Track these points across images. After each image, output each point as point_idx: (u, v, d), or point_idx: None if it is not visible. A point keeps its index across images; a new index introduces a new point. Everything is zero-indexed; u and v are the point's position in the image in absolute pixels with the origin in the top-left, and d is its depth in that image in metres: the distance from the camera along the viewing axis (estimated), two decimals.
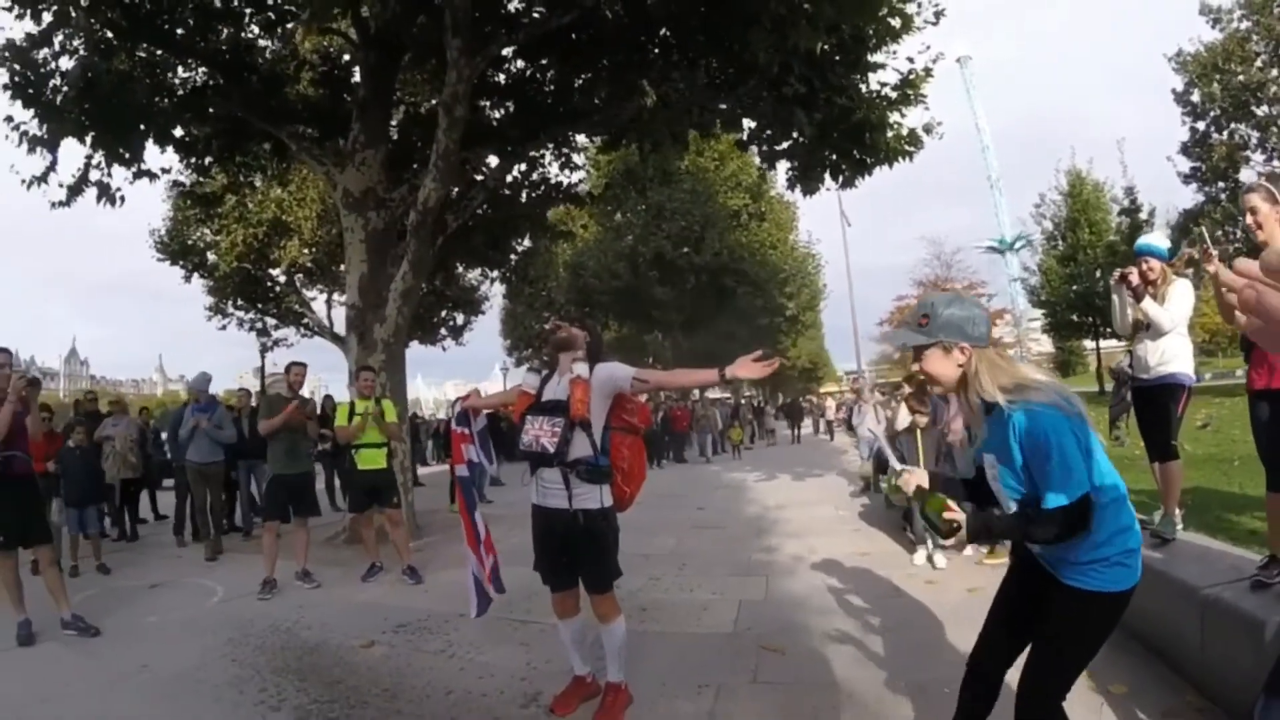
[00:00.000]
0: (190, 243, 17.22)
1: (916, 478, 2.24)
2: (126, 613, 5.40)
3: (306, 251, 16.28)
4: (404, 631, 4.74)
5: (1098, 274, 27.09)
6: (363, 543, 6.64)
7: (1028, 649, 2.11)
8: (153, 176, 8.93)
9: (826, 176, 8.90)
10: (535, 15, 8.08)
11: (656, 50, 8.45)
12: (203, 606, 5.60)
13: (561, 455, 3.06)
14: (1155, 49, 26.90)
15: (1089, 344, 35.47)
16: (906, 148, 8.36)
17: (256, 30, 9.00)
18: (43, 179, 7.91)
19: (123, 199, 8.40)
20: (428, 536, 8.28)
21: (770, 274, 27.13)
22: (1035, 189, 52.70)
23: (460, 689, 3.68)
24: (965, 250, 38.99)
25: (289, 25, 8.79)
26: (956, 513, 2.00)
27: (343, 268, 12.07)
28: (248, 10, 8.52)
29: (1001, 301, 43.59)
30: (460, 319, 20.71)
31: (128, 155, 8.28)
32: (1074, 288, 29.13)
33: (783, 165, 9.17)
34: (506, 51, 8.96)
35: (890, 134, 8.25)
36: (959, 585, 5.14)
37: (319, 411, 9.25)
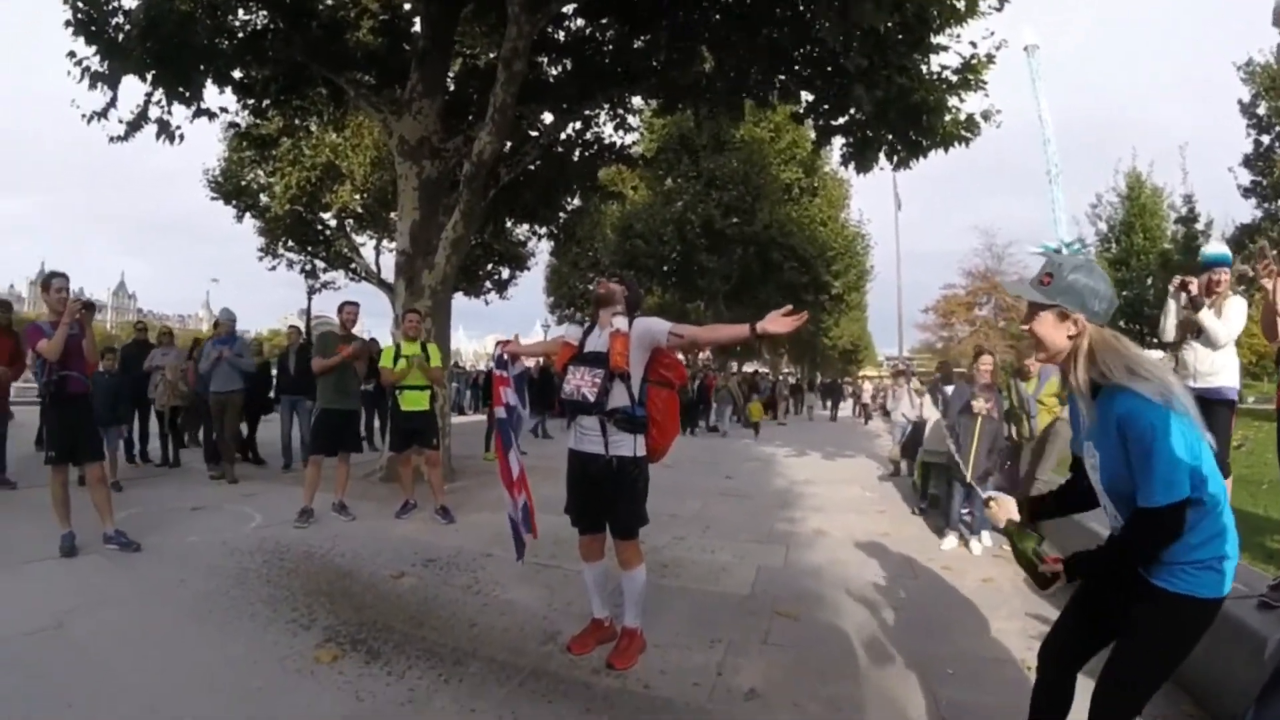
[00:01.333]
0: (244, 184, 17.54)
1: (1006, 509, 2.13)
2: (168, 531, 5.65)
3: (358, 197, 16.50)
4: (433, 566, 4.95)
5: (1149, 281, 26.11)
6: (399, 481, 6.90)
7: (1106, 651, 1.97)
8: (211, 115, 9.04)
9: (881, 156, 8.76)
10: None
11: (718, 16, 8.36)
12: (241, 531, 5.83)
13: (600, 404, 3.20)
14: (1225, 54, 25.47)
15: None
16: (963, 133, 8.19)
17: None
18: (103, 114, 8.08)
19: (182, 136, 8.58)
20: (461, 480, 8.54)
21: (818, 250, 26.79)
22: (1091, 188, 50.84)
23: (483, 623, 3.87)
24: (1018, 243, 37.77)
25: None
26: (1054, 562, 1.90)
27: (393, 215, 12.28)
28: None
29: None
30: (505, 273, 20.85)
31: (188, 94, 8.40)
32: (1124, 293, 28.19)
33: (838, 141, 9.07)
34: (567, 9, 8.96)
35: (948, 118, 8.09)
36: (975, 574, 5.19)
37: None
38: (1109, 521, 1.96)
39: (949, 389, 7.06)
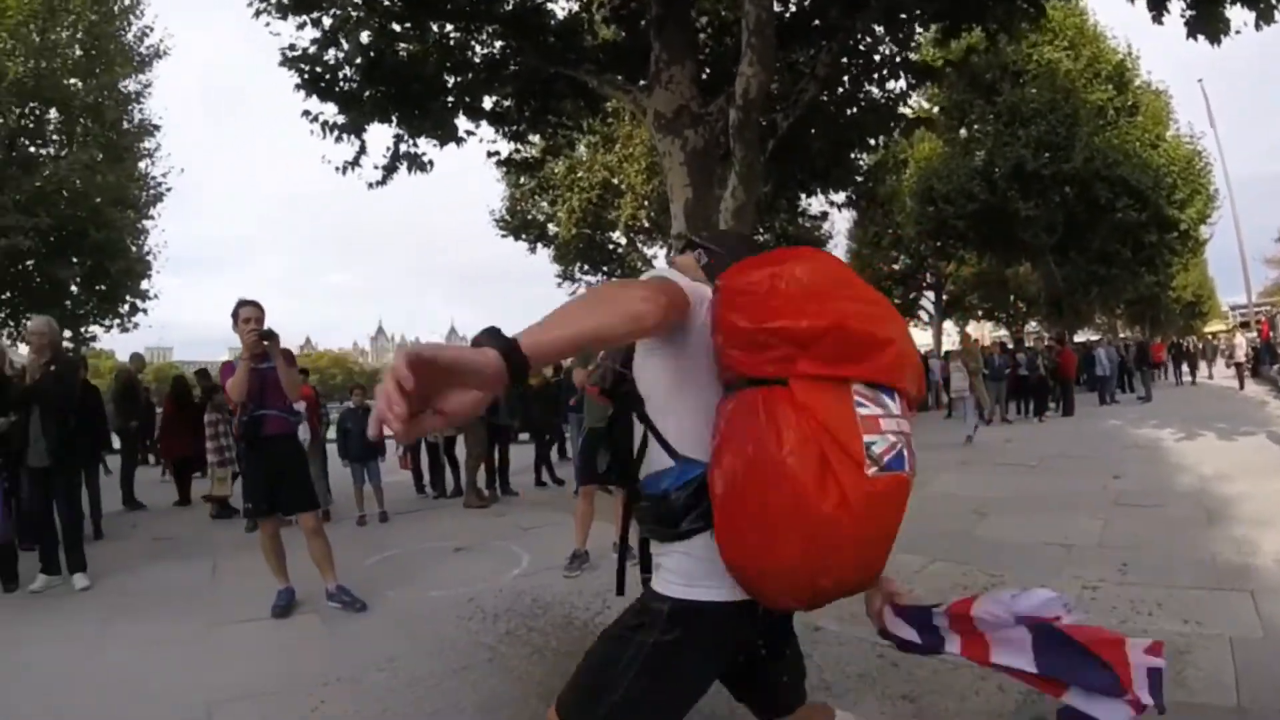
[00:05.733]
0: (529, 217, 18.39)
1: None
2: (415, 580, 5.01)
3: (641, 209, 16.41)
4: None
5: None
6: None
7: None
8: (460, 141, 8.98)
9: (1238, 7, 6.71)
10: None
11: None
12: (498, 580, 4.93)
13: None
14: None
15: None
16: None
17: None
18: (354, 163, 8.34)
19: (431, 164, 8.70)
20: None
21: (1152, 180, 21.41)
22: None
23: None
24: None
25: None
26: None
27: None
28: None
29: None
30: None
31: (440, 132, 8.58)
32: None
33: (1176, 6, 7.12)
34: None
35: None
36: None
37: None
38: None
39: None
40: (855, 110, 9.42)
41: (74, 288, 14.73)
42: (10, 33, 13.19)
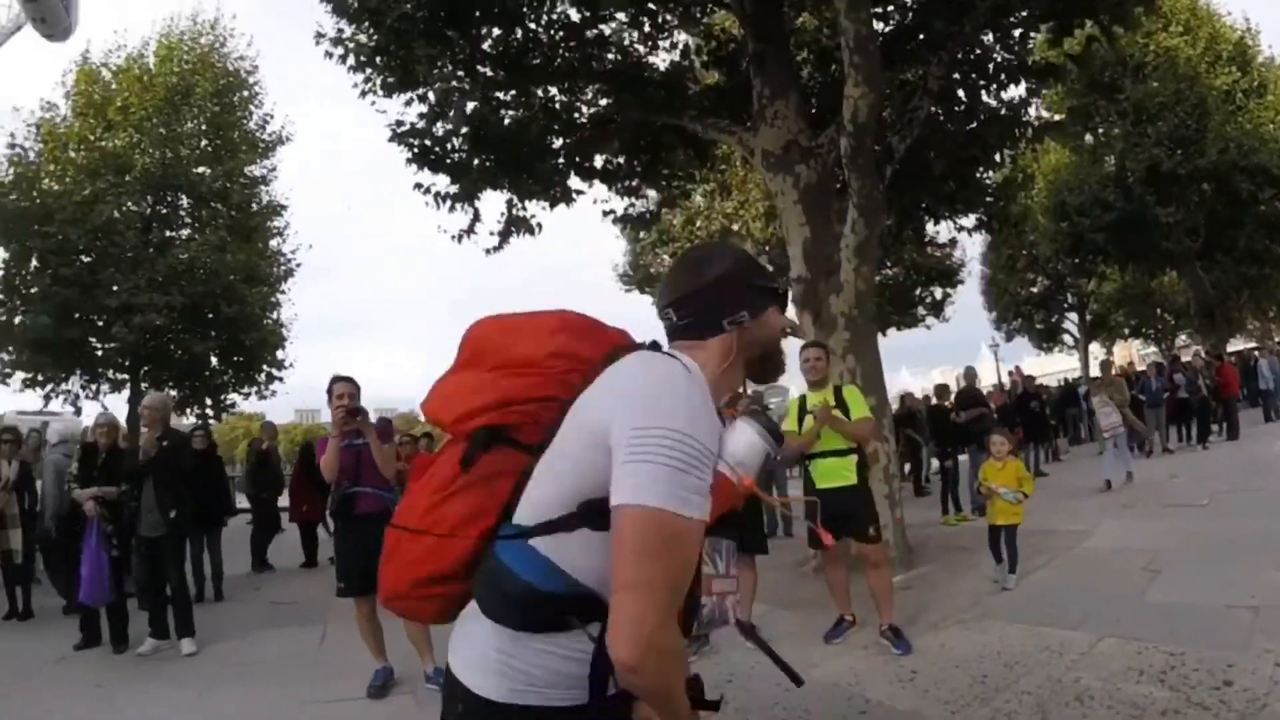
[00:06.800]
0: (652, 271, 18.49)
1: None
2: None
3: (762, 255, 16.14)
4: None
5: None
6: (830, 588, 4.95)
7: None
8: (569, 201, 8.98)
9: None
10: None
11: None
12: None
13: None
14: None
15: None
16: None
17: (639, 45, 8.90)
18: (469, 231, 8.48)
19: (540, 226, 8.80)
20: (920, 567, 6.44)
21: None
22: None
23: None
24: None
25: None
26: None
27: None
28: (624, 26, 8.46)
29: None
30: (938, 294, 18.86)
31: (556, 193, 8.60)
32: None
33: None
34: None
35: None
36: None
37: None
38: None
39: None
40: (975, 124, 8.80)
41: (212, 359, 15.57)
42: (136, 127, 14.36)
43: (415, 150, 7.84)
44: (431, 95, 7.68)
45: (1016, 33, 8.40)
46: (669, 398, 1.08)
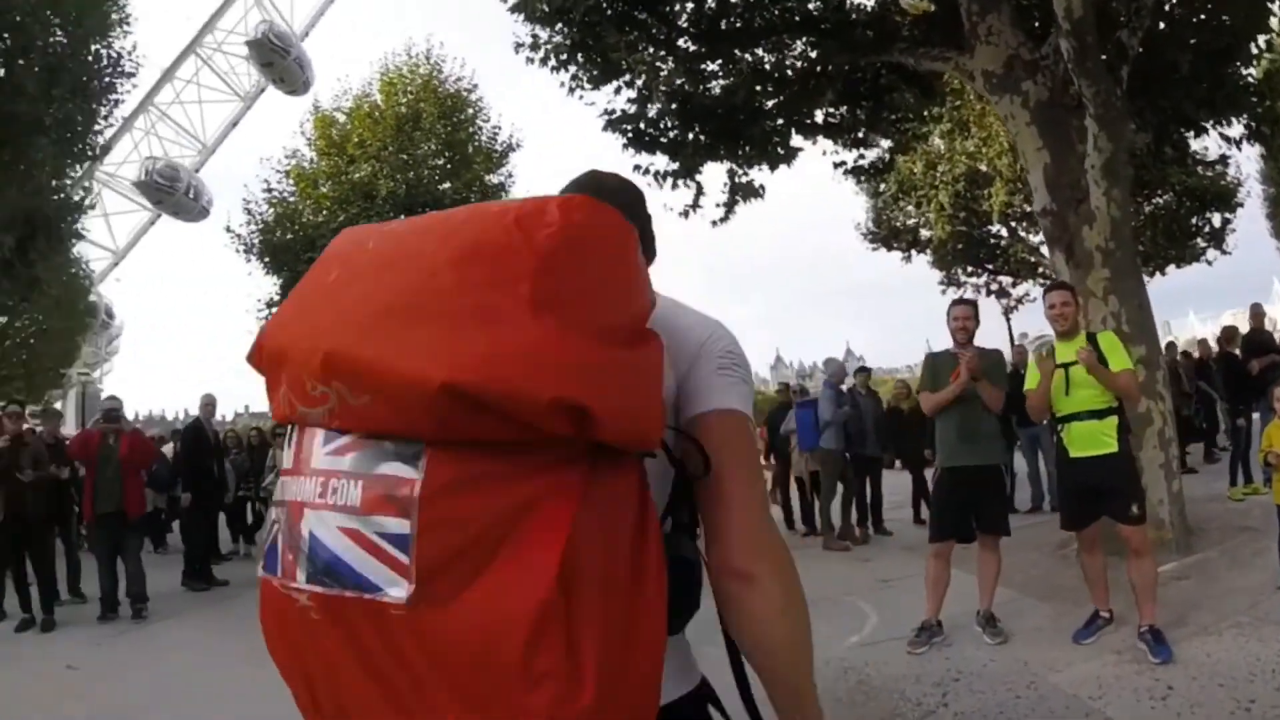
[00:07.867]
0: (897, 225, 17.80)
1: None
2: (714, 641, 4.58)
3: (1015, 194, 14.74)
4: None
5: None
6: (1085, 575, 4.22)
7: None
8: (790, 160, 8.74)
9: None
10: None
11: None
12: (831, 648, 4.13)
13: None
14: None
15: None
16: None
17: None
18: (695, 205, 8.50)
19: (763, 188, 8.65)
20: (1199, 551, 5.25)
21: None
22: None
23: None
24: None
25: None
26: None
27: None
28: None
29: None
30: (1216, 221, 15.70)
31: (778, 154, 8.39)
32: None
33: None
34: None
35: None
36: None
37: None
38: None
39: None
40: (1215, 5, 7.22)
41: None
42: (375, 158, 16.09)
43: (630, 135, 8.02)
44: (636, 80, 7.81)
45: None
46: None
